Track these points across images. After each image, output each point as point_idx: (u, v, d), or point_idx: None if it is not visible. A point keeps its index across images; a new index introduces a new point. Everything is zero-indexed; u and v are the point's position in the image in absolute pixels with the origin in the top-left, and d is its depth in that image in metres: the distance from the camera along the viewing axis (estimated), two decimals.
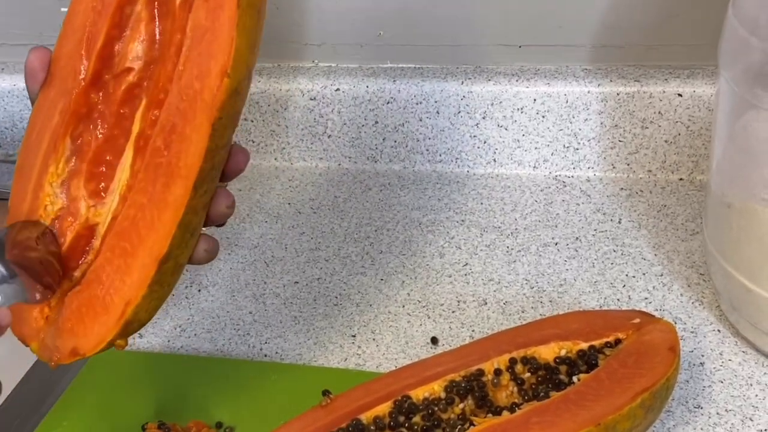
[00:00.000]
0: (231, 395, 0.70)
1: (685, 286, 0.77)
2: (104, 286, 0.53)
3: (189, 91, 0.51)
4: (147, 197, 0.52)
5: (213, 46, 0.50)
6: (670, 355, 0.59)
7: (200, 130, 0.51)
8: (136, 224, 0.52)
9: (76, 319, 0.53)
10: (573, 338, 0.63)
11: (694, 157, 0.89)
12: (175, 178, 0.52)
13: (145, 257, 0.52)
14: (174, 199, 0.52)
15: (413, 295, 0.80)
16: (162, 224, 0.52)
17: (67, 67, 0.55)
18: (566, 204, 0.89)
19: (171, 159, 0.52)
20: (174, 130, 0.52)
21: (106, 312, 0.52)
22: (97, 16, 0.55)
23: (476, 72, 0.93)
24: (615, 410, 0.55)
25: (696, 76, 0.87)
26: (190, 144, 0.51)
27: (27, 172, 0.56)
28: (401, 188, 0.94)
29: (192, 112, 0.51)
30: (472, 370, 0.62)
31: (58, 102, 0.55)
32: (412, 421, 0.59)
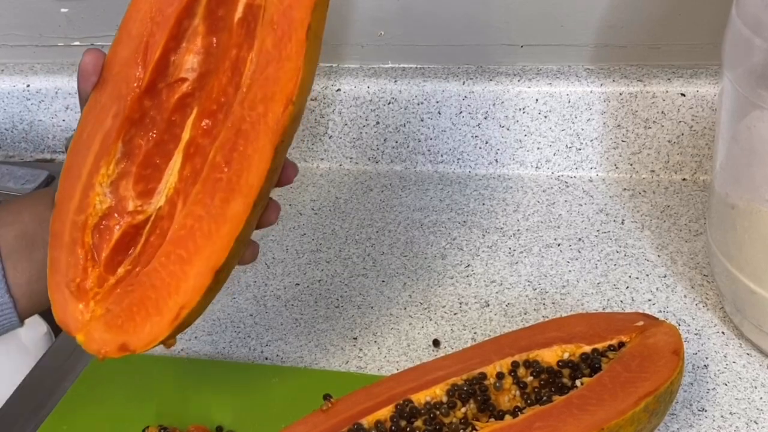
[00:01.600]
0: (232, 399, 0.70)
1: (688, 287, 0.77)
2: (158, 289, 0.55)
3: (252, 113, 0.54)
4: (205, 210, 0.55)
5: (279, 73, 0.53)
6: (674, 358, 0.58)
7: (263, 152, 0.54)
8: (193, 234, 0.55)
9: (126, 316, 0.56)
10: (576, 341, 0.62)
11: (698, 158, 0.89)
12: (235, 194, 0.55)
13: (201, 266, 0.55)
14: (233, 215, 0.55)
15: (415, 297, 0.79)
16: (220, 237, 0.55)
17: (121, 73, 0.57)
18: (569, 204, 0.88)
19: (231, 176, 0.55)
20: (235, 148, 0.55)
21: (159, 313, 0.55)
22: (156, 27, 0.57)
23: (478, 72, 0.92)
24: (618, 415, 0.54)
25: (699, 75, 0.87)
26: (252, 164, 0.54)
27: (76, 172, 0.58)
28: (402, 189, 0.94)
29: (255, 134, 0.54)
30: (474, 373, 0.61)
31: (111, 106, 0.58)
32: (414, 425, 0.59)
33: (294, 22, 0.54)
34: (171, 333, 0.56)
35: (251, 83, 0.55)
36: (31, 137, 1.05)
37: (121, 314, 0.56)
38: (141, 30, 0.57)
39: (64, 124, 1.04)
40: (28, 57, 1.04)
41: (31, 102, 1.03)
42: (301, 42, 0.53)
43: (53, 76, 1.02)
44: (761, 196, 0.63)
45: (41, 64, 1.04)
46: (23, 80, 1.02)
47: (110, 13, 0.99)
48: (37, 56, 1.04)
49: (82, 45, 1.02)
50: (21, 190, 0.99)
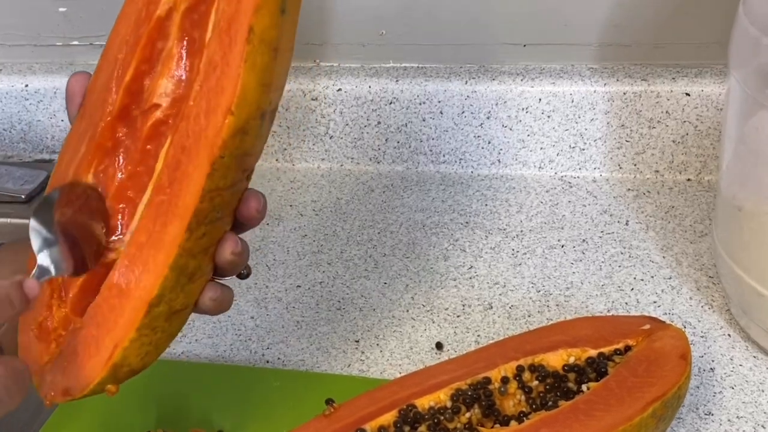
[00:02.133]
0: (233, 402, 0.69)
1: (694, 289, 0.76)
2: (99, 326, 0.51)
3: (196, 127, 0.49)
4: (146, 236, 0.50)
5: (222, 82, 0.49)
6: (681, 363, 0.58)
7: (199, 168, 0.49)
8: (134, 264, 0.50)
9: (72, 357, 0.51)
10: (581, 345, 0.61)
11: (703, 158, 0.88)
12: (173, 217, 0.50)
13: (136, 299, 0.50)
14: (170, 240, 0.50)
15: (417, 299, 0.79)
16: (155, 265, 0.50)
17: (97, 100, 0.54)
18: (572, 205, 0.88)
19: (172, 198, 0.50)
20: (178, 167, 0.50)
21: (96, 354, 0.51)
22: (128, 49, 0.54)
23: (480, 71, 0.91)
24: (626, 421, 0.53)
25: (704, 75, 0.86)
26: (190, 183, 0.49)
27: None
28: (404, 189, 0.93)
29: (196, 150, 0.49)
30: (478, 378, 0.60)
31: (86, 134, 0.54)
32: (418, 430, 0.58)
33: (235, 25, 0.49)
34: (106, 376, 0.50)
35: (196, 95, 0.50)
36: (30, 137, 1.04)
37: (66, 356, 0.51)
38: (116, 54, 0.54)
39: (62, 124, 1.03)
40: (27, 57, 1.03)
41: (30, 102, 1.02)
42: (242, 45, 0.48)
43: (52, 76, 1.01)
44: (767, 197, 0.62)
45: (39, 63, 1.03)
46: (21, 80, 1.02)
47: (109, 12, 0.97)
48: (35, 56, 1.03)
49: (80, 44, 1.01)
50: (20, 190, 0.98)
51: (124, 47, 0.54)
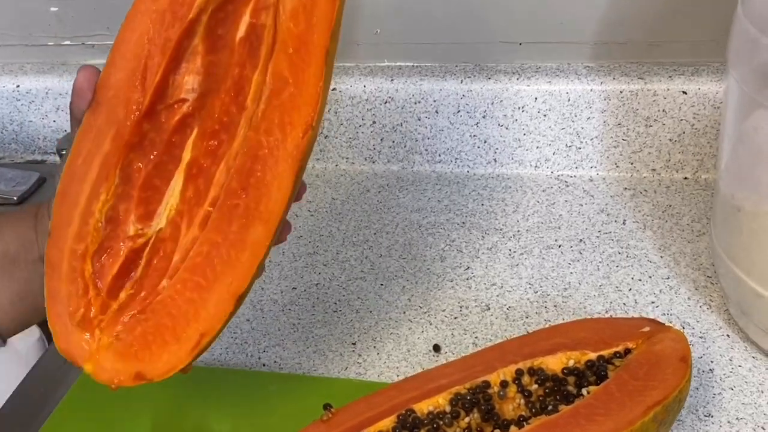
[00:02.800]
0: (230, 407, 0.68)
1: (692, 289, 0.76)
2: (174, 317, 0.54)
3: (270, 138, 0.53)
4: (222, 236, 0.54)
5: (297, 99, 0.53)
6: (681, 366, 0.57)
7: (284, 178, 0.53)
8: (211, 261, 0.54)
9: (140, 345, 0.54)
10: (581, 348, 0.61)
11: (699, 156, 0.88)
12: (255, 221, 0.54)
13: (223, 293, 0.54)
14: (254, 241, 0.54)
15: (414, 301, 0.78)
16: (241, 263, 0.54)
17: (118, 96, 0.55)
18: (569, 204, 0.87)
19: (249, 203, 0.54)
20: (252, 174, 0.54)
21: (177, 341, 0.54)
22: (155, 49, 0.55)
23: (476, 70, 0.91)
24: (627, 425, 0.53)
25: (701, 73, 0.85)
26: (271, 190, 0.53)
27: (73, 198, 0.56)
28: (400, 189, 0.92)
29: (273, 160, 0.53)
30: (477, 382, 0.60)
31: (108, 130, 0.55)
32: None
33: (311, 46, 0.53)
34: (190, 361, 0.54)
35: (266, 108, 0.54)
36: (22, 138, 1.03)
37: (134, 343, 0.54)
38: (137, 52, 0.55)
39: (54, 125, 1.02)
40: (18, 57, 1.02)
41: (21, 103, 1.01)
42: (320, 67, 0.53)
43: (43, 76, 1.00)
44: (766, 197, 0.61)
45: (31, 64, 1.02)
46: (13, 80, 1.01)
47: (101, 11, 0.97)
48: (26, 56, 1.02)
49: (72, 44, 1.00)
50: (12, 192, 0.97)
51: (147, 46, 0.55)
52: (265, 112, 0.54)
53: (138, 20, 0.55)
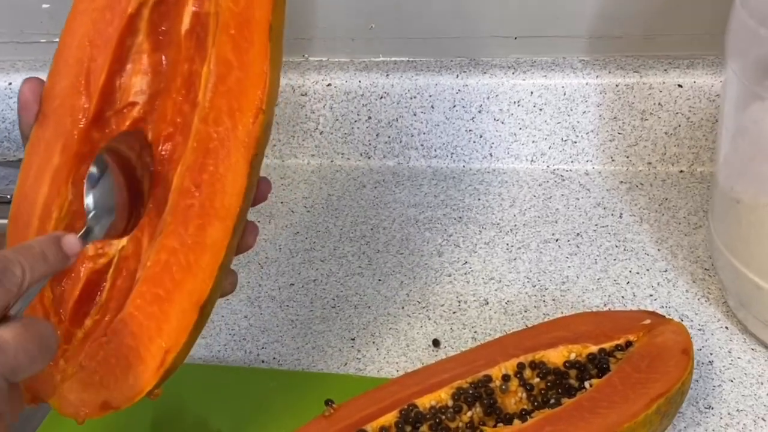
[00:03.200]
0: (230, 404, 0.68)
1: (690, 282, 0.76)
2: (136, 335, 0.50)
3: (219, 128, 0.49)
4: (179, 241, 0.50)
5: (244, 82, 0.49)
6: (683, 358, 0.57)
7: (237, 169, 0.49)
8: (170, 269, 0.50)
9: (104, 371, 0.50)
10: (582, 341, 0.61)
11: (695, 149, 0.88)
12: (212, 219, 0.50)
13: (184, 302, 0.50)
14: (213, 242, 0.50)
15: (412, 296, 0.78)
16: (201, 268, 0.50)
17: (64, 105, 0.52)
18: (566, 199, 0.87)
19: (204, 200, 0.50)
20: (204, 169, 0.50)
21: (142, 362, 0.50)
22: (97, 50, 0.52)
23: (471, 65, 0.90)
24: (631, 418, 0.53)
25: (696, 66, 0.85)
26: (226, 184, 0.49)
27: (26, 219, 0.52)
28: (396, 185, 0.92)
29: (225, 151, 0.49)
30: (479, 376, 0.60)
31: (56, 143, 0.52)
32: (419, 430, 0.57)
33: (253, 23, 0.49)
34: (158, 382, 0.50)
35: (213, 96, 0.50)
36: (14, 137, 1.02)
37: (97, 369, 0.50)
38: (79, 55, 0.52)
39: None
40: (10, 54, 1.01)
41: (13, 100, 1.00)
42: (263, 44, 0.49)
43: (35, 74, 0.99)
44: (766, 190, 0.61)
45: (23, 61, 1.01)
46: (5, 78, 1.00)
47: None
48: (18, 53, 1.01)
49: None
50: (5, 190, 0.96)
51: (89, 48, 0.52)
52: (212, 101, 0.50)
53: (78, 21, 0.52)
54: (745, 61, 0.62)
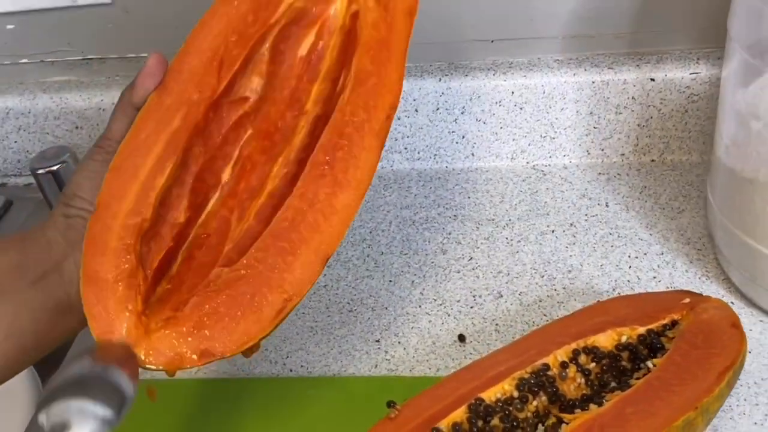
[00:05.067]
0: (271, 416, 0.63)
1: (687, 262, 0.75)
2: (254, 285, 0.52)
3: (355, 119, 0.56)
4: (308, 204, 0.54)
5: (381, 88, 0.57)
6: (736, 331, 0.56)
7: (371, 149, 0.56)
8: (297, 227, 0.53)
9: (211, 320, 0.51)
10: (629, 324, 0.59)
11: (665, 139, 0.88)
12: (345, 188, 0.54)
13: (310, 255, 0.53)
14: (344, 206, 0.54)
15: (427, 294, 0.75)
16: (330, 227, 0.53)
17: (193, 81, 0.56)
18: (551, 192, 0.86)
19: (336, 173, 0.55)
20: (339, 148, 0.55)
21: (257, 310, 0.51)
22: (233, 44, 0.57)
23: (451, 68, 0.88)
24: (707, 393, 0.51)
25: (666, 60, 0.85)
26: (360, 160, 0.55)
27: (132, 171, 0.53)
28: (384, 188, 0.89)
29: (359, 135, 0.55)
30: (537, 365, 0.57)
31: (178, 110, 0.55)
32: (491, 424, 0.54)
33: (393, 46, 0.58)
34: (270, 330, 0.52)
35: (351, 95, 0.56)
36: None
37: (202, 319, 0.51)
38: (216, 45, 0.56)
39: (16, 146, 0.93)
40: None
41: None
42: (400, 62, 0.58)
43: (2, 96, 0.92)
44: None
45: None
46: None
47: (59, 28, 0.89)
48: None
49: (30, 62, 0.92)
50: None
51: (226, 41, 0.56)
52: (350, 98, 0.56)
53: (216, 19, 0.57)
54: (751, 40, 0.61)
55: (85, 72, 0.92)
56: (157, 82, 0.55)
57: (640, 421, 0.50)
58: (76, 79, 0.92)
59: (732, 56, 0.65)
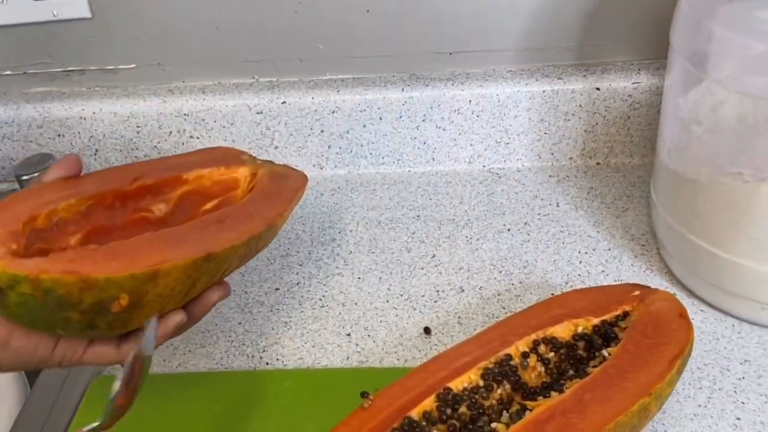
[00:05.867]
0: (250, 408, 0.61)
1: (632, 257, 0.75)
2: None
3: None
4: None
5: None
6: (683, 321, 0.56)
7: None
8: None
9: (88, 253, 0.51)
10: (584, 315, 0.58)
11: (610, 143, 0.87)
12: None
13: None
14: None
15: (393, 290, 0.73)
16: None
17: (109, 177, 0.59)
18: (506, 194, 0.85)
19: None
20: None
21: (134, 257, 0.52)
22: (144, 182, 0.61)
23: (412, 79, 0.87)
24: (659, 379, 0.51)
25: (610, 71, 0.85)
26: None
27: (37, 193, 0.55)
28: (351, 191, 0.87)
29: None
30: (500, 355, 0.56)
31: (93, 182, 0.59)
32: (459, 411, 0.53)
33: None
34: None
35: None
36: None
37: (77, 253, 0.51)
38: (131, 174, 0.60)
39: (1, 154, 0.90)
40: None
41: None
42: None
43: None
44: (722, 168, 0.61)
45: None
46: None
47: (42, 39, 0.86)
48: None
49: (14, 74, 0.89)
50: None
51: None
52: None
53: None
54: (690, 50, 0.61)
55: (66, 83, 0.89)
56: (67, 173, 0.56)
57: (598, 406, 0.49)
58: (58, 90, 0.89)
59: (674, 66, 0.64)
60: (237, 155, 0.66)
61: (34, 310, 0.47)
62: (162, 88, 0.88)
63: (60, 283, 0.47)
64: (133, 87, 0.88)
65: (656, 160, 0.71)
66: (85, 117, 0.87)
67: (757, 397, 0.61)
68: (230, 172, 0.64)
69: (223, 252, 0.54)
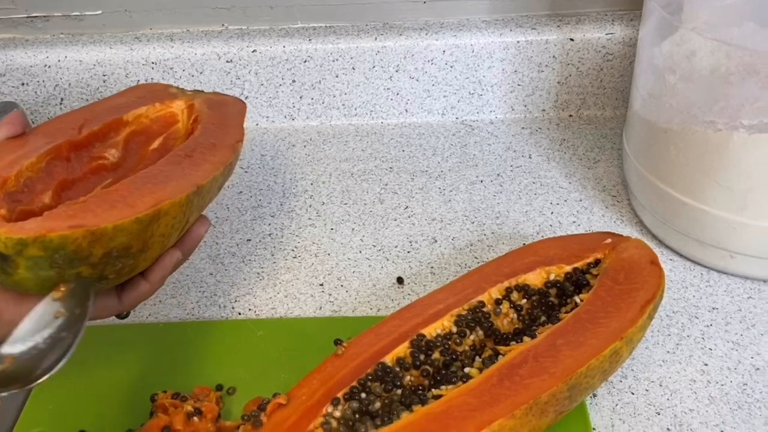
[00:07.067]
0: (223, 356, 0.61)
1: (603, 208, 0.75)
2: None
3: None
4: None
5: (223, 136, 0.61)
6: (655, 268, 0.56)
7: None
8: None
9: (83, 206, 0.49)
10: (556, 263, 0.58)
11: (582, 95, 0.87)
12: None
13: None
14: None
15: (366, 241, 0.73)
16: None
17: (57, 128, 0.57)
18: (479, 145, 0.84)
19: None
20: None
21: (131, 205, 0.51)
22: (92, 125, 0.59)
23: (386, 28, 0.85)
24: (631, 324, 0.51)
25: (584, 21, 0.84)
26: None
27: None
28: (323, 143, 0.86)
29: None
30: (473, 302, 0.56)
31: (45, 138, 0.55)
32: (432, 357, 0.53)
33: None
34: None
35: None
36: None
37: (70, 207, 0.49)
38: (73, 122, 0.58)
39: None
40: None
41: None
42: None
43: None
44: (695, 117, 0.61)
45: None
46: None
47: None
48: None
49: None
50: None
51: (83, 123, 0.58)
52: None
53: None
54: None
55: (30, 29, 0.86)
56: (13, 133, 0.54)
57: (571, 351, 0.49)
58: (21, 37, 0.86)
59: (650, 14, 0.64)
60: (164, 89, 0.64)
61: (43, 271, 0.46)
62: (129, 36, 0.86)
63: (69, 239, 0.45)
64: (99, 34, 0.86)
65: (629, 110, 0.71)
66: (49, 65, 0.84)
67: (724, 344, 0.62)
68: (166, 108, 0.62)
69: (207, 183, 0.54)
